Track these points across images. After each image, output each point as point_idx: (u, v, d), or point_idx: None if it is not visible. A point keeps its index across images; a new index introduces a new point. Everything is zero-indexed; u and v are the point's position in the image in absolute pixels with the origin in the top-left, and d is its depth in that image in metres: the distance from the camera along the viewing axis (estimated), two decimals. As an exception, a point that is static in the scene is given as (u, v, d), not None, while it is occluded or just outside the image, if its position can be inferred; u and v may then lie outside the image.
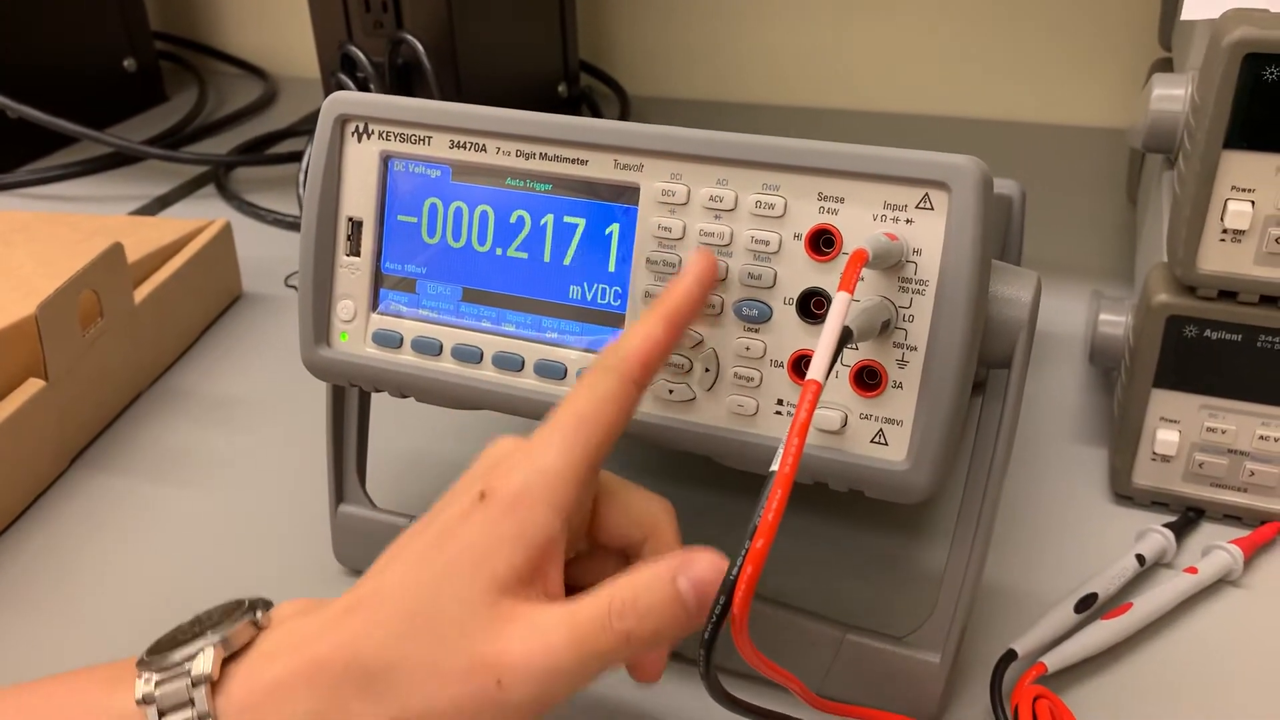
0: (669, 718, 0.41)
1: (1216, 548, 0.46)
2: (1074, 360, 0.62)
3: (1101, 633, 0.42)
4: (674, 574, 0.31)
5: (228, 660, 0.32)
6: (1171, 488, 0.49)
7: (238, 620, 0.33)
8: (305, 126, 1.01)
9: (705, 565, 0.31)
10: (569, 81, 0.97)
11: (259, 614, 0.34)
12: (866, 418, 0.36)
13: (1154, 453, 0.49)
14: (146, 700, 0.31)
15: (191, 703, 0.31)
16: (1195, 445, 0.48)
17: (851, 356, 0.36)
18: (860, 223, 0.36)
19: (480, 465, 0.35)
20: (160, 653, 0.33)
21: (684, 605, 0.31)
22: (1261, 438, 0.47)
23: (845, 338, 0.32)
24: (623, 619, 0.31)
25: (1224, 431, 0.47)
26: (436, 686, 0.30)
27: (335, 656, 0.31)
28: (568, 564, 0.34)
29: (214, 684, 0.32)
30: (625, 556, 0.37)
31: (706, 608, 0.31)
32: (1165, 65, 0.73)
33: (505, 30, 0.87)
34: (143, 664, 0.33)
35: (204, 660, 0.32)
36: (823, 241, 0.36)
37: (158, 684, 0.32)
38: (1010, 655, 0.41)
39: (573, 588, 0.33)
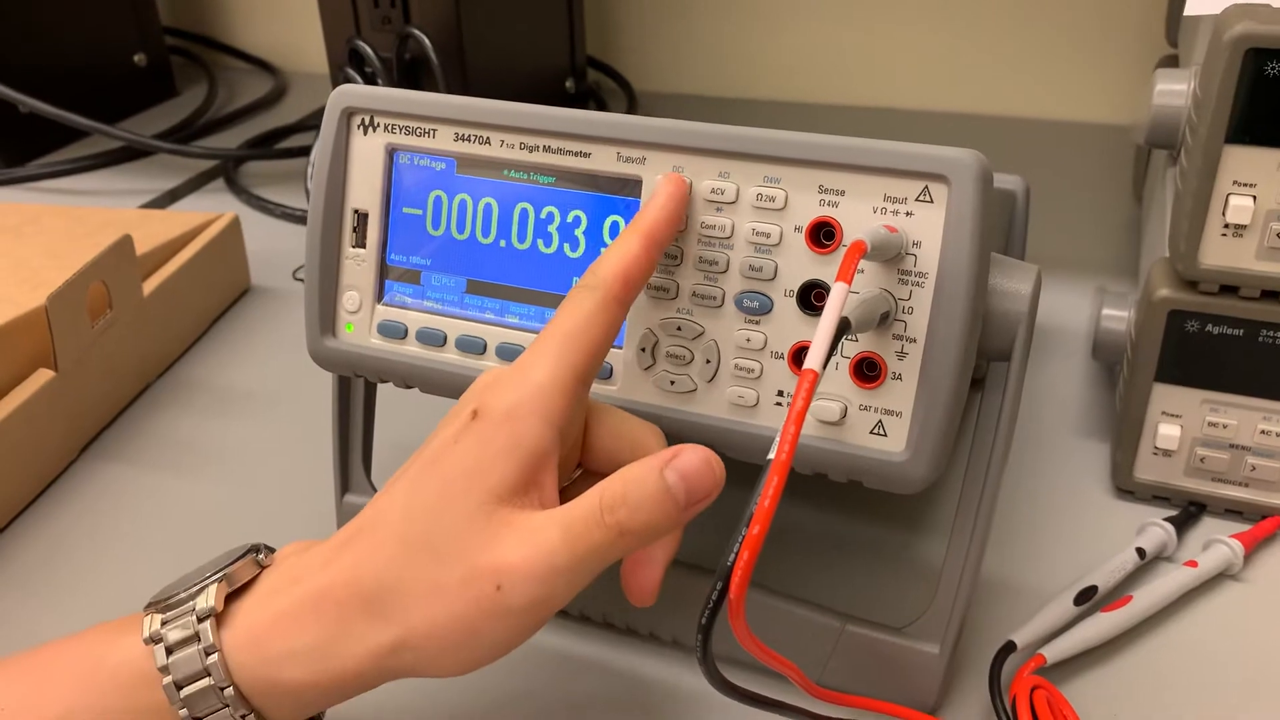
0: (670, 706, 0.41)
1: (1217, 542, 0.46)
2: (1079, 356, 0.62)
3: (1100, 625, 0.42)
4: (661, 466, 0.32)
5: (232, 597, 0.33)
6: (1173, 482, 0.49)
7: (240, 559, 0.34)
8: (314, 121, 1.02)
9: (692, 457, 0.32)
10: (576, 77, 0.98)
11: (261, 555, 0.35)
12: (866, 409, 0.36)
13: (1156, 447, 0.49)
14: (154, 639, 0.32)
15: (197, 637, 0.32)
16: (1197, 440, 0.48)
17: (851, 348, 0.36)
18: (860, 215, 0.36)
19: (470, 391, 0.35)
20: (165, 596, 0.34)
21: (672, 496, 0.31)
22: (1263, 432, 0.47)
23: (843, 328, 0.32)
24: (613, 512, 0.31)
25: (1225, 426, 0.47)
26: (437, 600, 0.31)
27: (337, 584, 0.32)
28: (560, 492, 0.34)
29: (218, 617, 0.32)
30: None
31: (695, 499, 0.32)
32: (1172, 62, 0.73)
33: (513, 26, 0.87)
34: (149, 607, 0.33)
35: (208, 595, 0.32)
36: (823, 234, 0.37)
37: (164, 622, 0.32)
38: (1009, 647, 0.41)
39: None
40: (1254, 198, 0.43)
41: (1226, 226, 0.43)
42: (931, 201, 0.35)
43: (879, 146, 0.35)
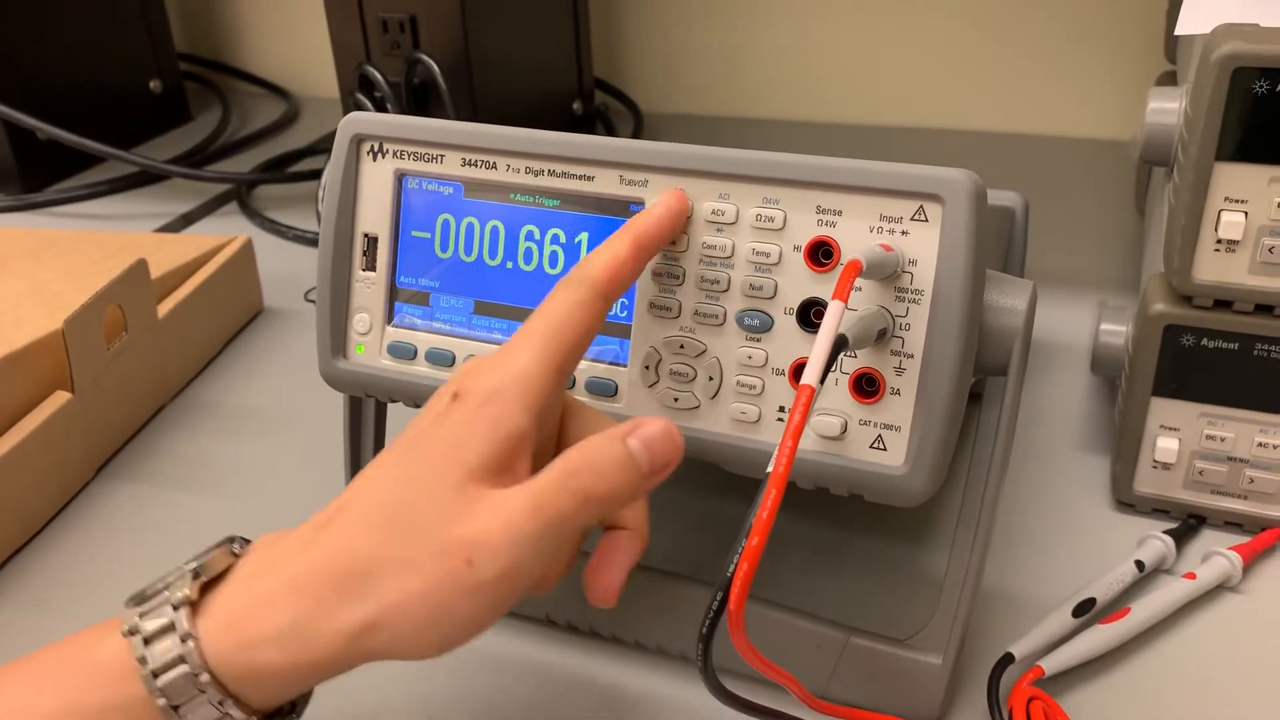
0: (667, 717, 0.42)
1: (1215, 554, 0.47)
2: (1080, 370, 0.63)
3: (1099, 637, 0.43)
4: (624, 435, 0.33)
5: (209, 586, 0.33)
6: (1172, 495, 0.50)
7: (214, 550, 0.34)
8: (325, 145, 1.03)
9: (655, 426, 0.33)
10: (583, 99, 0.99)
11: (236, 545, 0.35)
12: (865, 424, 0.37)
13: (1154, 460, 0.49)
14: (132, 631, 0.32)
15: (173, 625, 0.32)
16: (1195, 453, 0.49)
17: (850, 364, 0.37)
18: (858, 235, 0.37)
19: (453, 377, 0.36)
20: (144, 590, 0.34)
21: (635, 463, 0.32)
22: (1260, 445, 0.47)
23: (840, 345, 0.33)
24: (576, 477, 0.32)
25: (1223, 439, 0.48)
26: (409, 576, 0.31)
27: (314, 568, 0.32)
28: None
29: (194, 606, 0.32)
30: None
31: (657, 466, 0.32)
32: (1172, 78, 0.73)
33: (520, 49, 0.88)
34: (129, 602, 0.34)
35: (183, 585, 0.33)
36: (821, 253, 0.37)
37: (141, 615, 0.33)
38: (1008, 658, 0.42)
39: None
40: (1245, 214, 0.43)
41: (1219, 242, 0.44)
42: (926, 220, 0.36)
43: (874, 168, 0.36)
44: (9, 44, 0.93)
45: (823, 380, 0.32)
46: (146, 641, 0.32)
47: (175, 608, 0.32)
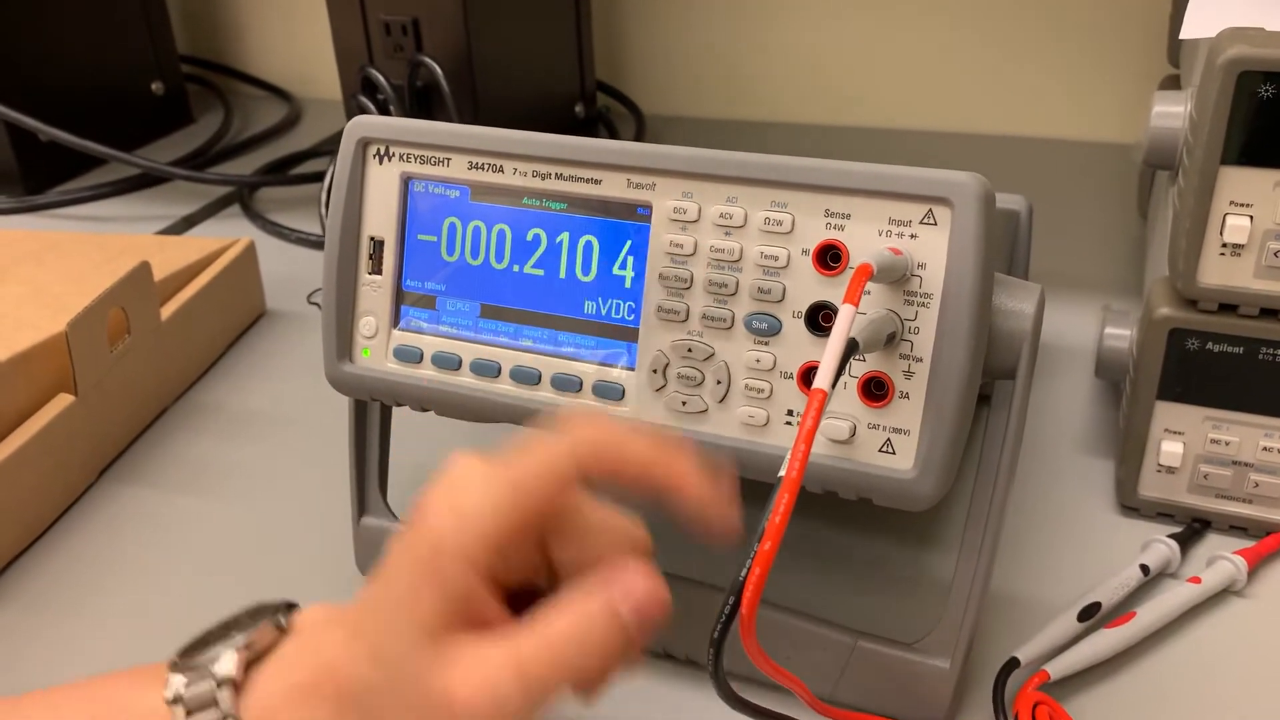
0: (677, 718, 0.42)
1: (1220, 558, 0.47)
2: (1084, 374, 0.63)
3: (1104, 641, 0.43)
4: (615, 606, 0.31)
5: (253, 663, 0.33)
6: (1177, 499, 0.50)
7: (260, 623, 0.34)
8: (328, 147, 1.03)
9: (643, 586, 0.32)
10: (585, 102, 0.99)
11: (282, 618, 0.35)
12: (874, 427, 0.37)
13: (1159, 464, 0.49)
14: (175, 700, 0.32)
15: (216, 703, 0.32)
16: (1200, 457, 0.49)
17: (859, 368, 0.37)
18: (866, 238, 0.37)
19: (428, 490, 0.35)
20: (190, 655, 0.34)
21: (628, 636, 0.31)
22: (1265, 449, 0.47)
23: (851, 349, 0.33)
24: (564, 654, 0.31)
25: (1228, 443, 0.48)
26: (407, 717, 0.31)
27: (329, 676, 0.32)
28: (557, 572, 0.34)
29: (237, 685, 0.32)
30: None
31: (647, 629, 0.31)
32: (1175, 82, 0.74)
33: (522, 52, 0.89)
34: (174, 665, 0.34)
35: (227, 662, 0.33)
36: (830, 257, 0.37)
37: (186, 685, 0.33)
38: (1013, 663, 0.42)
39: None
40: (1251, 217, 0.43)
41: (1224, 246, 0.44)
42: (935, 224, 0.36)
43: (883, 171, 0.36)
44: (10, 45, 0.93)
45: (834, 384, 0.32)
46: (189, 713, 0.32)
47: (219, 684, 0.32)
